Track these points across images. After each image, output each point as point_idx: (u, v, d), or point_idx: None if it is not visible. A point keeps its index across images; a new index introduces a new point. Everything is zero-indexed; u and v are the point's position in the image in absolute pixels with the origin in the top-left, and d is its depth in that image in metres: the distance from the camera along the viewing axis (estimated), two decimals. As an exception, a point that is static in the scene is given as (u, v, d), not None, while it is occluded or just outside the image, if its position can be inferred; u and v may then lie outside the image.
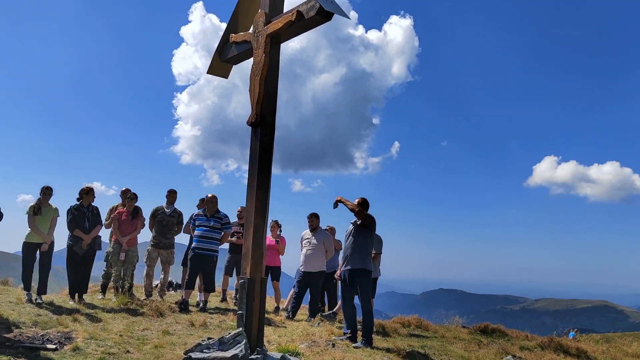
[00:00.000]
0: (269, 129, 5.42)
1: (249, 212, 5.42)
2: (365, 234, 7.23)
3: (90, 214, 8.50)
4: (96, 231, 8.52)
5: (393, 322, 8.83)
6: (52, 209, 8.25)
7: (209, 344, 5.06)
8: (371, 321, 7.19)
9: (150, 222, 9.46)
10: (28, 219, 8.04)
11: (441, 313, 11.25)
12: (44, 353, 5.53)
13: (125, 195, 9.32)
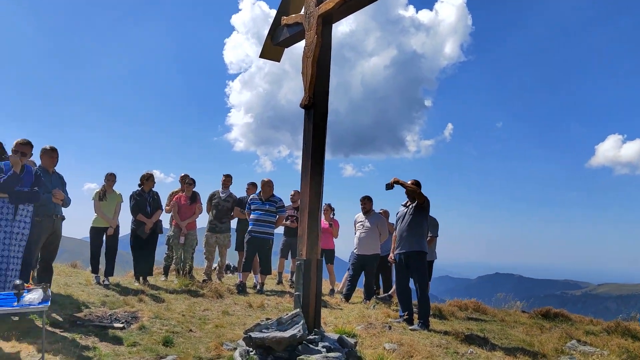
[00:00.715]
0: (322, 111, 5.42)
1: (303, 194, 5.46)
2: (421, 216, 7.14)
3: (151, 199, 8.83)
4: (157, 215, 8.84)
5: (450, 306, 8.71)
6: (117, 194, 8.61)
7: (267, 324, 5.17)
8: (427, 304, 7.12)
9: (207, 206, 9.71)
10: (94, 204, 8.43)
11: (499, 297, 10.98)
12: (112, 331, 5.81)
13: (183, 180, 9.60)
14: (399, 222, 7.33)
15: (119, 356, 5.02)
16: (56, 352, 4.93)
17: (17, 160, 5.66)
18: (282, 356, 4.84)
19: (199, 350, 5.40)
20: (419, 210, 7.12)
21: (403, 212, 7.29)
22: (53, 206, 6.56)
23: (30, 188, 5.77)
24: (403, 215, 7.26)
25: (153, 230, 8.79)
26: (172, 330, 6.04)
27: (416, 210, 7.12)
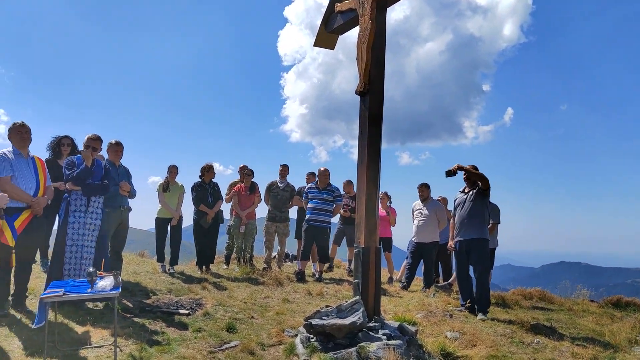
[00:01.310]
0: (377, 97, 5.36)
1: (360, 182, 5.44)
2: (482, 202, 6.95)
3: (212, 190, 9.08)
4: (218, 206, 9.08)
5: (513, 294, 8.46)
6: (179, 186, 8.90)
7: (327, 311, 5.21)
8: (488, 292, 6.96)
9: (265, 196, 9.86)
10: (158, 196, 8.76)
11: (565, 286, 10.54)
12: (179, 317, 6.04)
13: (242, 171, 9.79)
14: (458, 208, 7.17)
15: (185, 341, 5.21)
16: (128, 336, 5.19)
17: (88, 154, 5.95)
18: (342, 343, 4.87)
19: (261, 336, 5.51)
20: (480, 196, 6.94)
21: (462, 199, 7.12)
22: (120, 198, 6.88)
23: (101, 181, 6.06)
24: (463, 202, 7.09)
25: (214, 220, 9.04)
26: (235, 317, 6.21)
27: (477, 197, 6.94)
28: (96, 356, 4.64)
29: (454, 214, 7.38)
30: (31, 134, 5.63)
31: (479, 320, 6.54)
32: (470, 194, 7.01)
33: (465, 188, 7.19)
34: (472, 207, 6.92)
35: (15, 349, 4.62)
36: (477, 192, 6.95)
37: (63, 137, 7.25)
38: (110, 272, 4.79)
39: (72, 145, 7.21)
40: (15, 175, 5.34)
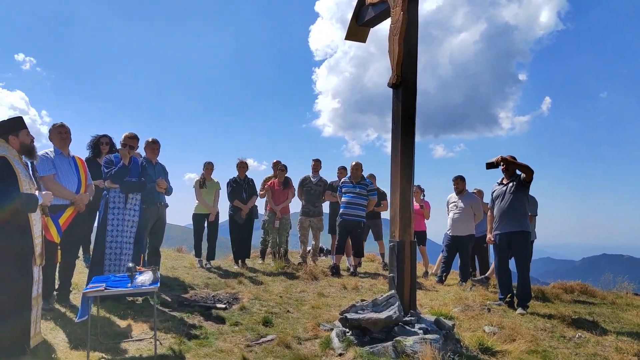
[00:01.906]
0: (410, 89, 5.30)
1: (394, 175, 5.39)
2: (523, 194, 6.78)
3: (246, 185, 9.18)
4: (252, 201, 9.17)
5: (553, 288, 8.26)
6: (215, 182, 9.02)
7: (362, 305, 5.20)
8: (529, 286, 6.81)
9: (298, 191, 9.89)
10: (195, 192, 8.90)
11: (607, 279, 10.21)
12: (216, 311, 6.14)
13: (276, 167, 9.84)
14: (497, 201, 7.01)
15: (223, 335, 5.29)
16: (167, 330, 5.30)
17: (125, 152, 6.09)
18: (378, 337, 4.85)
19: (297, 330, 5.55)
20: (521, 188, 6.77)
21: (501, 191, 6.96)
22: (157, 195, 7.02)
23: (138, 178, 6.19)
24: (502, 194, 6.93)
25: (249, 215, 9.14)
26: (271, 311, 6.27)
27: (517, 188, 6.77)
28: (137, 349, 4.76)
29: (491, 206, 7.23)
30: (70, 133, 5.79)
31: (518, 315, 6.41)
32: (510, 185, 6.84)
33: (503, 179, 7.04)
34: (513, 199, 6.77)
35: (60, 342, 4.78)
36: (517, 183, 6.78)
37: (102, 136, 7.44)
38: (148, 267, 4.90)
39: (111, 144, 7.39)
40: (57, 173, 5.52)
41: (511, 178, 6.90)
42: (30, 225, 4.34)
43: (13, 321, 4.15)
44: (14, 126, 4.33)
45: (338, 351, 4.75)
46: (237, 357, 4.58)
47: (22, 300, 4.24)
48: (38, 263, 4.47)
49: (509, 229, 6.79)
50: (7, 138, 4.29)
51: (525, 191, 6.80)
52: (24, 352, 4.21)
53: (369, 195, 9.13)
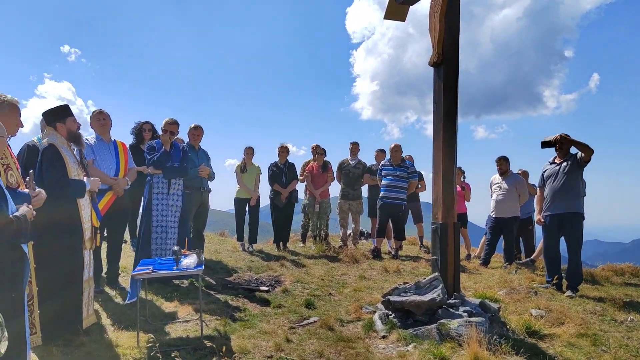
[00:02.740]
0: (452, 66, 5.16)
1: (436, 157, 5.28)
2: (577, 174, 6.51)
3: (286, 169, 9.21)
4: (292, 185, 9.20)
5: (603, 270, 7.97)
6: (255, 167, 9.09)
7: (405, 287, 5.16)
8: (580, 269, 6.59)
9: (337, 174, 9.85)
10: (236, 177, 9.00)
11: (659, 261, 9.76)
12: (259, 294, 6.22)
13: (315, 150, 9.83)
14: (548, 181, 6.77)
15: (266, 317, 5.36)
16: (212, 312, 5.41)
17: (167, 138, 6.19)
18: (421, 320, 4.81)
19: (339, 312, 5.56)
20: (576, 167, 6.50)
21: (554, 170, 6.71)
22: (200, 180, 7.13)
23: (180, 164, 6.29)
24: (555, 174, 6.67)
25: (289, 199, 9.19)
26: (313, 294, 6.30)
27: (572, 168, 6.51)
28: (184, 330, 4.87)
29: (541, 185, 6.99)
30: (110, 119, 5.90)
31: (566, 298, 6.23)
32: (565, 165, 6.59)
33: (555, 158, 6.79)
34: (567, 180, 6.52)
35: (111, 323, 4.94)
36: (572, 163, 6.52)
37: (144, 123, 7.57)
38: (193, 251, 4.98)
39: (153, 131, 7.52)
40: (96, 159, 5.64)
41: (565, 157, 6.65)
42: (80, 210, 4.47)
43: (66, 303, 4.32)
44: (61, 114, 4.45)
45: (381, 333, 4.73)
46: (280, 338, 4.63)
47: (75, 284, 4.39)
48: (88, 247, 4.61)
49: (561, 210, 6.57)
50: (55, 126, 4.42)
51: (580, 171, 6.54)
52: (77, 333, 4.37)
53: (409, 177, 9.01)
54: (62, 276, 4.25)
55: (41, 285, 3.95)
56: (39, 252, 3.89)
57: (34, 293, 3.88)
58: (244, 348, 4.37)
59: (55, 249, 4.19)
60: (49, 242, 4.10)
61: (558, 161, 6.72)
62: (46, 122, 4.48)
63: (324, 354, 4.28)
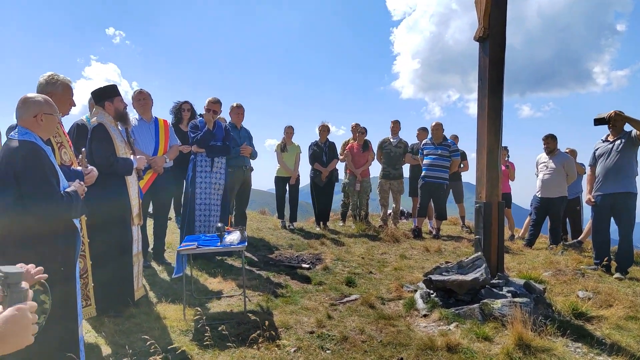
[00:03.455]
0: (498, 41, 4.99)
1: (481, 134, 5.17)
2: (632, 152, 6.23)
3: (327, 149, 9.20)
4: (333, 164, 9.20)
5: (655, 253, 7.68)
6: (295, 146, 9.12)
7: (447, 267, 5.11)
8: (632, 251, 6.36)
9: (378, 153, 9.78)
10: (277, 156, 9.06)
11: None
12: (300, 271, 6.29)
13: (355, 129, 9.77)
14: (600, 159, 6.51)
15: (307, 293, 5.42)
16: (255, 288, 5.52)
17: (210, 117, 6.26)
18: (463, 299, 4.77)
19: (380, 291, 5.58)
20: (630, 146, 6.22)
21: (607, 149, 6.44)
22: (242, 158, 7.21)
23: (222, 142, 6.37)
24: (607, 152, 6.41)
25: (329, 178, 9.20)
26: (354, 272, 6.33)
27: (626, 146, 6.22)
28: (228, 305, 4.99)
29: (592, 164, 6.73)
30: (151, 98, 5.99)
31: (615, 280, 6.04)
32: (618, 143, 6.32)
33: (608, 136, 6.52)
34: (620, 158, 6.26)
35: (158, 296, 5.11)
36: (627, 141, 6.24)
37: (183, 103, 7.66)
38: (236, 227, 5.07)
39: (192, 110, 7.61)
40: (136, 139, 5.75)
41: (619, 135, 6.38)
42: (128, 188, 4.61)
43: (118, 276, 4.49)
44: (109, 93, 4.57)
45: (422, 312, 4.72)
46: (322, 315, 4.68)
47: (125, 257, 4.55)
48: (136, 223, 4.76)
49: (613, 190, 6.32)
50: (104, 105, 4.54)
51: (635, 150, 6.26)
52: (129, 304, 4.55)
53: (451, 156, 8.86)
54: (113, 250, 4.41)
55: (94, 259, 4.11)
56: (92, 227, 4.04)
57: (88, 267, 4.05)
58: (286, 323, 4.45)
59: (106, 224, 4.34)
60: (100, 218, 4.24)
61: (611, 139, 6.45)
62: (95, 101, 4.61)
63: (365, 331, 4.31)
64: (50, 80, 3.75)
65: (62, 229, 3.03)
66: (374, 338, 4.16)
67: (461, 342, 3.94)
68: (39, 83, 3.76)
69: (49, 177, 2.87)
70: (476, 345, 3.93)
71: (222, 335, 3.98)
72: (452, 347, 3.84)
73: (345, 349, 3.96)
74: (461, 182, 10.11)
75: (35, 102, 3.00)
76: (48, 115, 3.01)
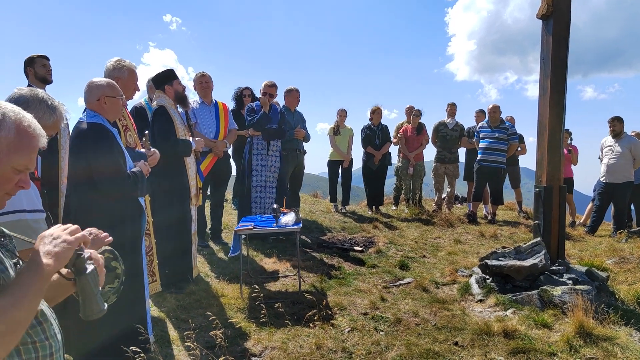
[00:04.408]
0: (563, 17, 4.78)
1: (542, 116, 4.99)
2: None
3: (379, 132, 9.13)
4: (385, 148, 9.12)
5: None
6: (348, 129, 9.10)
7: (504, 252, 5.01)
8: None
9: (433, 136, 9.62)
10: (329, 139, 9.08)
11: None
12: (353, 254, 6.32)
13: (410, 112, 9.64)
14: None
15: (360, 275, 5.46)
16: (309, 268, 5.60)
17: (266, 101, 6.34)
18: (521, 285, 4.66)
19: (433, 275, 5.53)
20: None
21: None
22: (296, 142, 7.28)
23: (278, 126, 6.45)
24: None
25: (382, 162, 9.12)
26: (407, 256, 6.30)
27: None
28: (283, 284, 5.10)
29: None
30: (212, 82, 6.11)
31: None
32: None
33: None
34: None
35: (217, 275, 5.28)
36: None
37: (244, 89, 7.78)
38: (291, 209, 5.14)
39: (252, 96, 7.72)
40: (197, 122, 5.90)
41: None
42: (187, 169, 4.76)
43: (179, 254, 4.67)
44: (168, 77, 4.71)
45: (478, 297, 4.65)
46: (375, 297, 4.70)
47: (185, 236, 4.73)
48: (194, 203, 4.92)
49: None
50: (164, 88, 4.68)
51: None
52: (187, 281, 4.73)
53: (509, 139, 8.60)
54: (174, 229, 4.59)
55: (157, 237, 4.29)
56: (154, 206, 4.21)
57: (152, 244, 4.23)
58: (340, 304, 4.50)
59: (167, 204, 4.52)
60: (161, 198, 4.42)
61: None
62: (155, 85, 4.77)
63: (419, 314, 4.30)
64: (117, 66, 3.90)
65: (129, 206, 3.18)
66: (428, 321, 4.15)
67: (519, 328, 3.86)
68: (106, 68, 3.92)
69: (117, 157, 3.01)
70: (534, 332, 3.85)
71: (278, 313, 4.08)
72: (509, 333, 3.77)
73: (399, 331, 3.97)
74: (518, 166, 9.80)
75: (99, 86, 3.14)
76: (111, 98, 3.14)
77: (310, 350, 3.60)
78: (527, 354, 3.49)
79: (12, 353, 1.18)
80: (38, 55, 4.56)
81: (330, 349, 3.64)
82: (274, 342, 3.75)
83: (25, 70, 4.57)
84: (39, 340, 1.25)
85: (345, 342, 3.76)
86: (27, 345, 1.23)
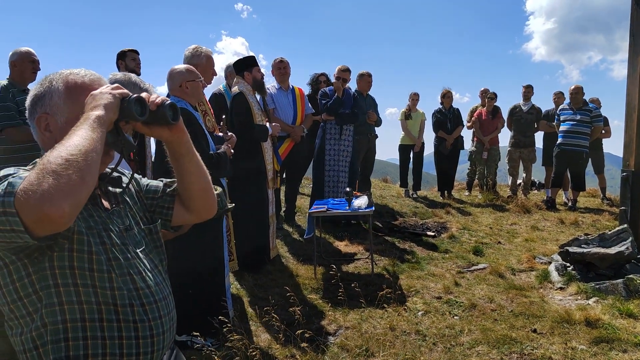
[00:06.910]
0: (658, -8, 4.47)
1: (631, 96, 4.72)
2: None
3: (451, 115, 8.94)
4: (458, 132, 8.92)
5: None
6: (420, 113, 8.98)
7: (587, 239, 4.82)
8: None
9: (508, 120, 9.29)
10: (401, 124, 9.00)
11: None
12: (425, 239, 6.29)
13: (484, 95, 9.36)
14: None
15: (433, 260, 5.44)
16: (381, 252, 5.64)
17: (339, 85, 6.38)
18: (605, 274, 4.48)
19: (509, 261, 5.41)
20: None
21: None
22: (368, 126, 7.29)
23: (351, 110, 6.48)
24: None
25: (454, 146, 8.94)
26: (481, 241, 6.19)
27: None
28: (355, 267, 5.18)
29: None
30: (289, 67, 6.21)
31: None
32: None
33: None
34: None
35: (291, 256, 5.44)
36: None
37: (320, 75, 7.83)
38: (364, 192, 5.19)
39: (327, 82, 7.77)
40: (276, 108, 6.03)
41: None
42: (263, 153, 4.91)
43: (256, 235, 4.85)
44: (248, 63, 4.86)
45: (557, 285, 4.52)
46: (449, 281, 4.68)
47: (263, 217, 4.89)
48: (270, 186, 5.07)
49: None
50: (243, 75, 4.84)
51: None
52: (264, 262, 4.91)
53: (592, 122, 8.13)
54: (252, 211, 4.75)
55: (236, 219, 4.48)
56: (232, 189, 4.39)
57: (230, 225, 4.42)
58: (413, 287, 4.52)
59: (244, 187, 4.68)
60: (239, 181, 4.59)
61: None
62: (235, 71, 4.94)
63: (494, 300, 4.24)
64: (195, 53, 4.08)
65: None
66: (505, 307, 4.08)
67: (602, 317, 3.72)
68: (185, 56, 4.11)
69: (200, 140, 3.18)
70: (619, 322, 3.69)
71: (351, 294, 4.15)
72: (591, 321, 3.65)
73: (474, 316, 3.94)
74: (602, 151, 9.26)
75: (179, 72, 3.33)
76: (191, 82, 3.33)
77: (384, 331, 3.65)
78: (611, 344, 3.37)
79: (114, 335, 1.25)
80: (129, 50, 4.95)
81: (404, 330, 3.68)
82: (348, 321, 3.84)
83: (117, 62, 4.97)
84: (139, 321, 1.28)
85: (419, 324, 3.78)
86: (129, 324, 1.26)
